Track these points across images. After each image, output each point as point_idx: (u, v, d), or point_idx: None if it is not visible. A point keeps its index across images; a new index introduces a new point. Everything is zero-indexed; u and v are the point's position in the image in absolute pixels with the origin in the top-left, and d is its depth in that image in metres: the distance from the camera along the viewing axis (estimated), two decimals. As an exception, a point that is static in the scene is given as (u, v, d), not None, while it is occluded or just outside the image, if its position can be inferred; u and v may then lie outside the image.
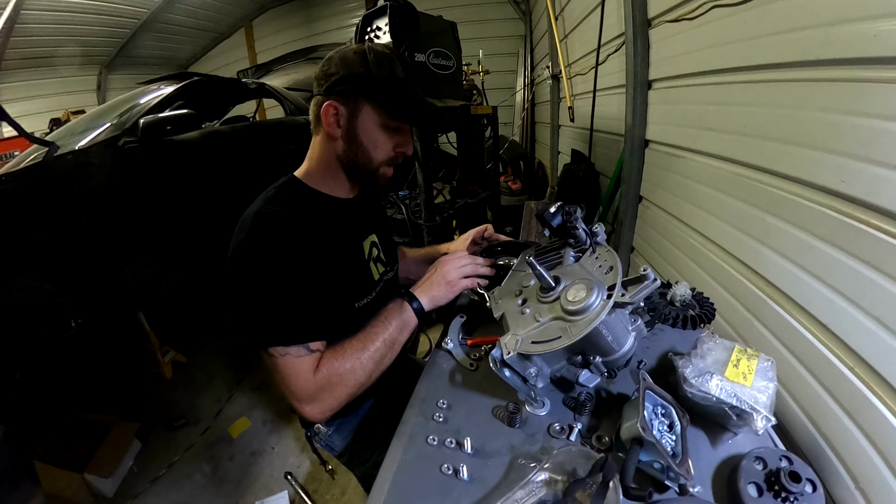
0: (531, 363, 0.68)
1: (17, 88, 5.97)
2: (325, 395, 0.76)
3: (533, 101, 5.15)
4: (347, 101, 0.81)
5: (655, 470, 0.57)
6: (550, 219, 0.80)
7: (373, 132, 0.84)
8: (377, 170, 0.88)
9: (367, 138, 0.84)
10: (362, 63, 0.79)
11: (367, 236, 0.99)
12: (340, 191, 0.92)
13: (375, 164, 0.87)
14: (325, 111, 0.81)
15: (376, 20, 1.94)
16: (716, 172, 1.36)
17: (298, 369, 0.74)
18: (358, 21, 2.02)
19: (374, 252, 1.00)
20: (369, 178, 0.90)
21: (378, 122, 0.83)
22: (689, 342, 0.82)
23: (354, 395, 0.79)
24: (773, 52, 1.05)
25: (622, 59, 2.01)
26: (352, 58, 0.80)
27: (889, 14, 0.73)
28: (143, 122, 1.96)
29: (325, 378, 0.75)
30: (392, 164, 0.90)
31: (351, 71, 0.79)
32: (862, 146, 0.80)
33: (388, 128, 0.84)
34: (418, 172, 2.05)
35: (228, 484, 1.89)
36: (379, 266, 1.01)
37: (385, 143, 0.86)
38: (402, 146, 0.88)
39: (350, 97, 0.81)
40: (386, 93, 0.81)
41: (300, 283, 0.77)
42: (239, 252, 0.76)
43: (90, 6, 5.33)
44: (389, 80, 0.80)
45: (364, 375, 0.79)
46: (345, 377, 0.77)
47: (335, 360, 0.76)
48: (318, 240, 0.82)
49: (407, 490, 0.60)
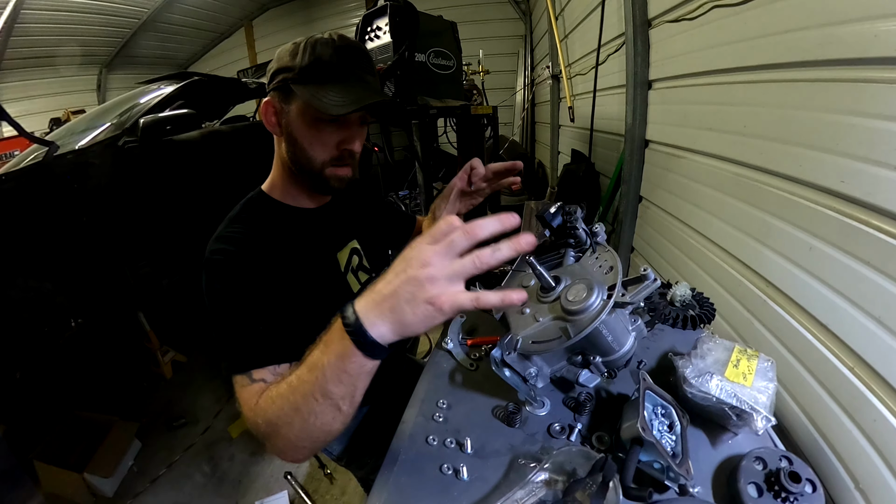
0: (531, 363, 0.68)
1: (17, 88, 5.98)
2: (263, 436, 0.59)
3: (533, 101, 5.15)
4: (281, 97, 0.75)
5: (655, 470, 0.57)
6: (551, 219, 0.80)
7: (304, 127, 0.75)
8: (321, 171, 0.78)
9: (301, 135, 0.75)
10: (292, 53, 0.72)
11: (345, 245, 0.92)
12: (306, 200, 0.86)
13: (317, 164, 0.77)
14: (264, 110, 0.76)
15: (376, 20, 1.95)
16: (716, 172, 1.36)
17: (243, 399, 0.63)
18: (358, 21, 2.02)
19: (353, 261, 0.93)
20: (316, 181, 0.79)
21: (310, 117, 0.73)
22: (689, 342, 0.83)
23: (299, 446, 0.58)
24: (774, 52, 1.05)
25: (622, 59, 2.01)
26: (286, 49, 0.74)
27: (889, 14, 0.73)
28: (143, 121, 1.96)
29: (261, 415, 0.58)
30: (341, 163, 0.79)
31: (281, 63, 0.73)
32: (862, 146, 0.80)
33: (322, 121, 0.74)
34: (418, 172, 2.05)
35: (228, 484, 1.89)
36: (361, 275, 0.94)
37: (324, 139, 0.76)
38: (346, 142, 0.77)
39: (282, 92, 0.74)
40: (306, 80, 0.71)
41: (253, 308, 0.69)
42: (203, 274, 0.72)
43: (90, 6, 5.33)
44: (313, 66, 0.71)
45: (293, 435, 0.56)
46: (273, 424, 0.57)
47: (265, 401, 0.59)
48: (281, 259, 0.75)
49: (407, 490, 0.60)
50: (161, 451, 2.06)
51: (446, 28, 2.21)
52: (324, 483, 1.84)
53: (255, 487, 1.85)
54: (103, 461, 1.87)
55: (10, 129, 2.08)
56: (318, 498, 1.78)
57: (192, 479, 1.92)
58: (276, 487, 1.83)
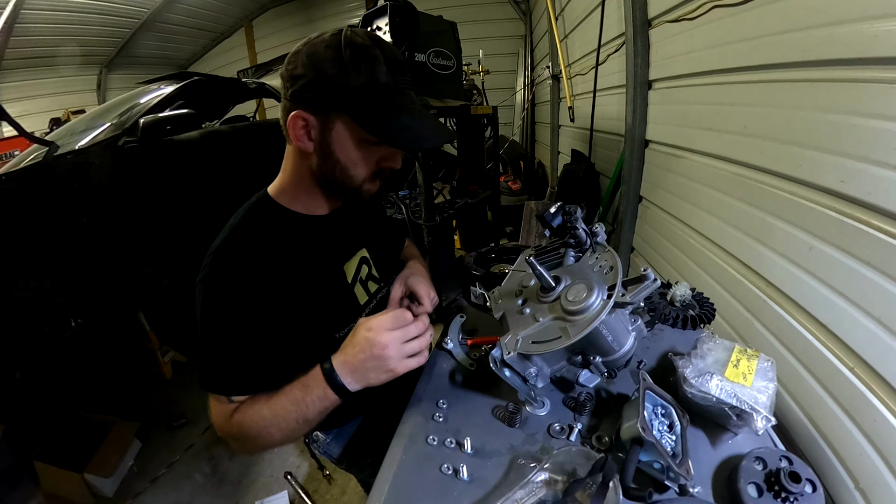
0: (531, 363, 0.68)
1: (17, 88, 5.97)
2: (238, 443, 0.71)
3: (533, 101, 5.15)
4: (318, 112, 0.67)
5: (655, 470, 0.57)
6: (551, 219, 0.80)
7: (351, 149, 0.70)
8: (360, 187, 0.75)
9: (344, 155, 0.71)
10: (335, 64, 0.64)
11: (354, 255, 0.88)
12: (317, 207, 0.81)
13: (357, 182, 0.74)
14: (292, 123, 0.68)
15: (376, 20, 1.95)
16: (716, 172, 1.36)
17: (218, 410, 0.71)
18: (358, 21, 2.02)
19: (363, 271, 0.90)
20: (351, 195, 0.77)
21: (357, 138, 0.69)
22: (689, 342, 0.83)
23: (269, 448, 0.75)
24: (773, 53, 1.05)
25: (622, 59, 2.01)
26: (322, 55, 0.64)
27: (889, 14, 0.73)
28: (143, 121, 1.96)
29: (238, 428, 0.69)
30: (378, 178, 0.77)
31: (321, 74, 0.64)
32: (862, 146, 0.80)
33: (368, 142, 0.70)
34: (418, 172, 2.05)
35: (228, 484, 1.89)
36: (370, 285, 0.91)
37: (367, 159, 0.72)
38: (388, 160, 0.75)
39: (321, 107, 0.67)
40: (365, 105, 0.66)
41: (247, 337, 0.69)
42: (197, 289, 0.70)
43: (90, 6, 5.33)
44: (369, 89, 0.65)
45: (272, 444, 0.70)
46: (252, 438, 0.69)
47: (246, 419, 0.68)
48: (284, 274, 0.73)
49: (407, 490, 0.60)
50: (161, 451, 2.07)
51: (446, 28, 2.21)
52: (323, 483, 1.84)
53: (255, 487, 1.85)
54: (103, 461, 1.87)
55: (10, 129, 2.08)
56: (318, 498, 1.78)
57: (192, 479, 1.92)
58: (276, 487, 1.83)
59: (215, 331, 0.69)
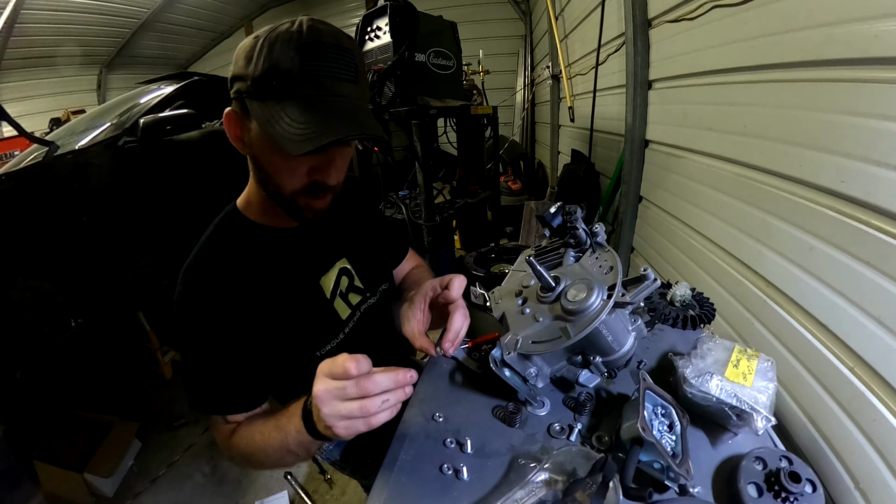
0: (531, 363, 0.68)
1: (17, 88, 5.97)
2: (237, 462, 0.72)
3: (533, 101, 5.15)
4: (241, 109, 0.60)
5: (655, 470, 0.57)
6: (551, 219, 0.80)
7: (269, 152, 0.61)
8: (292, 200, 0.65)
9: (265, 160, 0.62)
10: (247, 54, 0.57)
11: (331, 267, 0.82)
12: (285, 219, 0.73)
13: (287, 193, 0.64)
14: (226, 122, 0.62)
15: (376, 20, 1.95)
16: (716, 173, 1.36)
17: (218, 430, 0.72)
18: (358, 21, 2.02)
19: (343, 283, 0.83)
20: (288, 208, 0.67)
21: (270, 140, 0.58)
22: (689, 342, 0.83)
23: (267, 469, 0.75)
24: (773, 52, 1.05)
25: (622, 59, 2.01)
26: (244, 46, 0.58)
27: (889, 14, 0.73)
28: (143, 121, 1.96)
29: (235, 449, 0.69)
30: (315, 195, 0.65)
31: (236, 68, 0.59)
32: (862, 146, 0.80)
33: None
34: (418, 172, 2.05)
35: (228, 484, 1.89)
36: (352, 297, 0.85)
37: (292, 167, 0.61)
38: (318, 172, 0.62)
39: (241, 104, 0.60)
40: (253, 96, 0.57)
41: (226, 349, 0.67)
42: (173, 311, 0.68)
43: (90, 6, 5.33)
44: (265, 77, 0.55)
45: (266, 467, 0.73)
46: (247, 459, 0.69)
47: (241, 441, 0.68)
48: (257, 292, 0.69)
49: (407, 490, 0.60)
50: (161, 451, 2.06)
51: (446, 28, 2.21)
52: (323, 483, 1.84)
53: (255, 487, 1.85)
54: (103, 461, 1.87)
55: (10, 129, 2.08)
56: (318, 498, 1.78)
57: (192, 479, 1.92)
58: (276, 487, 1.83)
59: (193, 351, 0.69)
